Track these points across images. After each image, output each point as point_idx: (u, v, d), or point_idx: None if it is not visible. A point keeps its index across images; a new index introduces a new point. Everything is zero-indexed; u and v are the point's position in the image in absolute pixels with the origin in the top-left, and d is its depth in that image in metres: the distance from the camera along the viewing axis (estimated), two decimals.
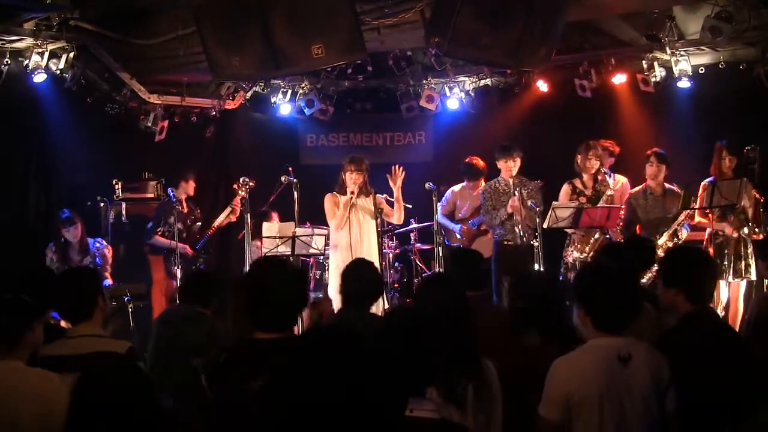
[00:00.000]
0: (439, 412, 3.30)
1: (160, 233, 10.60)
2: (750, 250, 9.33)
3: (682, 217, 9.50)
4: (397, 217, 9.75)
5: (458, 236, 10.94)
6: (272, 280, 4.02)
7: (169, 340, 6.24)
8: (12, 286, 5.36)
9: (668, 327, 5.49)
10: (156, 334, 6.47)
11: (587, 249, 9.45)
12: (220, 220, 10.81)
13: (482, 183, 10.80)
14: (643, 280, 7.29)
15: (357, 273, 5.93)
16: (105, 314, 5.02)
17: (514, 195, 9.66)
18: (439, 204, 10.71)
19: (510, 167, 9.83)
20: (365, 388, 2.26)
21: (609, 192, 9.63)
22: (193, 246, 10.70)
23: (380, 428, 2.30)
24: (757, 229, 9.29)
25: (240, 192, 10.39)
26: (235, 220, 10.85)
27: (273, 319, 3.96)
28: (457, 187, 11.13)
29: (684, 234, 9.53)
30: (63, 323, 7.79)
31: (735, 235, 9.27)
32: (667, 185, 9.78)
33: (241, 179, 10.26)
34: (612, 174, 10.30)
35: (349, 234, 9.44)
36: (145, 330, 9.77)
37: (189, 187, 10.88)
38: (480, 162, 10.97)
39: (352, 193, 9.41)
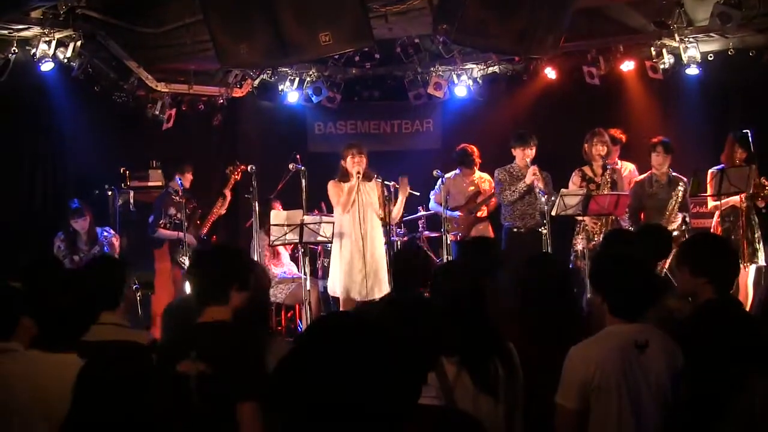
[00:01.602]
0: (440, 398, 3.31)
1: (162, 225, 10.60)
2: (758, 234, 9.38)
3: (673, 202, 9.52)
4: (393, 215, 9.76)
5: (455, 224, 10.86)
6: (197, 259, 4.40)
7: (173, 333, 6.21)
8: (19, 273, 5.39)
9: (670, 310, 5.48)
10: (167, 322, 6.46)
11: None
12: (215, 210, 10.84)
13: (476, 171, 10.79)
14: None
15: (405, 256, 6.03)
16: (129, 305, 5.03)
17: (530, 166, 9.68)
18: (432, 192, 10.70)
19: (527, 155, 9.86)
20: (369, 378, 2.25)
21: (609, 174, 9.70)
22: (196, 235, 10.69)
23: (390, 416, 2.29)
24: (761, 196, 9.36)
25: (233, 176, 10.41)
26: (226, 206, 10.90)
27: (205, 294, 4.22)
28: (450, 175, 10.97)
29: (686, 217, 9.58)
30: None
31: (744, 205, 9.29)
32: (671, 173, 9.76)
33: (231, 166, 10.33)
34: (619, 161, 10.33)
35: (355, 219, 9.42)
36: (148, 318, 9.85)
37: (185, 180, 10.85)
38: (474, 150, 10.90)
39: (358, 173, 9.39)
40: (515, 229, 9.96)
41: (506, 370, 4.08)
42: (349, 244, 9.39)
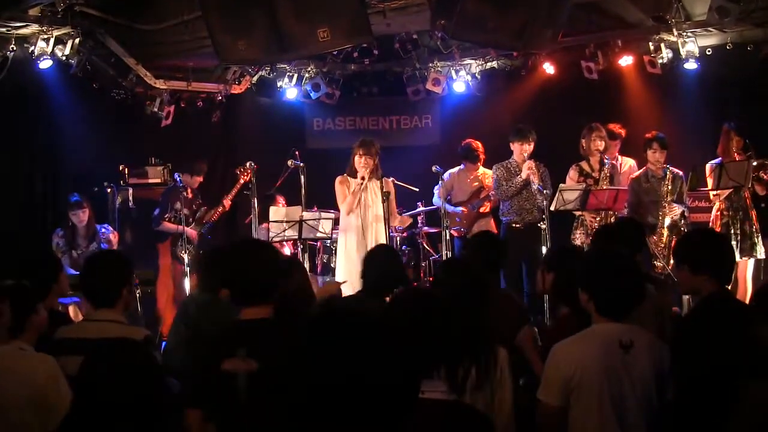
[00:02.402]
0: (448, 393, 3.30)
1: (167, 219, 10.60)
2: (756, 228, 9.38)
3: (665, 190, 9.50)
4: (399, 221, 9.76)
5: (458, 219, 10.85)
6: (245, 256, 4.25)
7: (188, 327, 6.21)
8: (17, 269, 5.39)
9: (669, 306, 5.48)
10: (176, 321, 6.46)
11: None
12: (215, 212, 10.86)
13: (480, 167, 10.79)
14: None
15: (377, 261, 5.95)
16: (128, 302, 5.01)
17: (528, 160, 9.70)
18: (435, 187, 10.69)
19: (525, 150, 9.86)
20: (370, 372, 2.24)
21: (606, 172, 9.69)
22: (199, 231, 10.70)
23: (391, 411, 2.29)
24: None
25: (242, 178, 10.36)
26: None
27: (251, 294, 4.12)
28: (454, 170, 10.99)
29: (684, 211, 9.59)
30: (71, 311, 7.81)
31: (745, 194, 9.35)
32: (666, 167, 9.75)
33: (241, 167, 10.25)
34: (620, 157, 10.36)
35: (359, 217, 9.41)
36: (151, 315, 9.85)
37: (194, 182, 10.85)
38: (479, 145, 10.89)
39: (362, 178, 9.33)
40: (513, 225, 9.98)
41: (479, 374, 4.00)
42: (354, 240, 9.38)
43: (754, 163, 9.35)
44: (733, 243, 9.20)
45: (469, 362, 3.94)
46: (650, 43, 10.88)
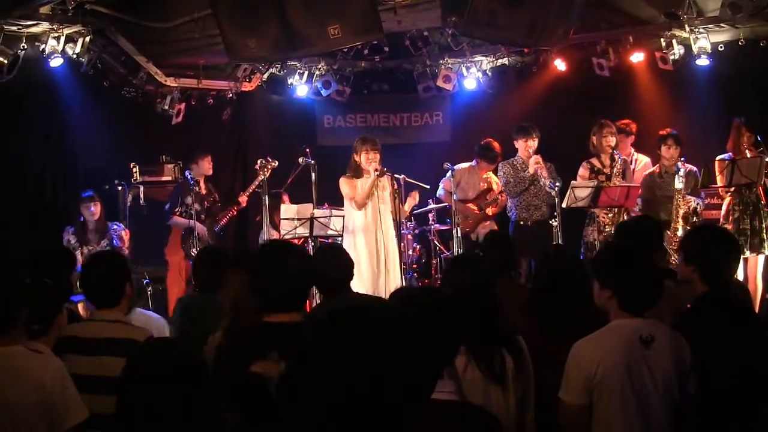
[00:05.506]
0: (457, 393, 3.28)
1: (177, 213, 10.57)
2: (765, 224, 9.32)
3: (679, 185, 9.45)
4: (408, 208, 9.69)
5: (463, 218, 10.75)
6: (281, 262, 4.05)
7: (190, 325, 6.21)
8: (33, 267, 5.40)
9: (685, 301, 5.46)
10: (176, 322, 6.44)
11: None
12: (230, 211, 10.88)
13: (492, 168, 10.76)
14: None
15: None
16: (131, 300, 5.00)
17: (534, 155, 9.65)
18: (442, 179, 10.64)
19: (530, 146, 9.81)
20: (390, 372, 2.23)
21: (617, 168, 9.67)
22: (212, 228, 10.69)
23: (404, 411, 2.28)
24: None
25: (261, 173, 10.29)
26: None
27: (282, 300, 3.99)
28: (464, 165, 10.87)
29: (697, 207, 9.53)
30: (81, 308, 7.81)
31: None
32: (679, 163, 9.71)
33: (260, 161, 10.13)
34: (635, 153, 10.35)
35: (373, 215, 9.30)
36: (161, 312, 9.86)
37: (203, 167, 10.77)
38: (498, 147, 10.80)
39: (376, 170, 9.18)
40: (521, 222, 9.92)
41: (515, 361, 4.06)
42: (366, 240, 9.25)
43: (767, 160, 9.30)
44: (743, 239, 9.14)
45: (504, 355, 3.96)
46: (662, 40, 10.83)
